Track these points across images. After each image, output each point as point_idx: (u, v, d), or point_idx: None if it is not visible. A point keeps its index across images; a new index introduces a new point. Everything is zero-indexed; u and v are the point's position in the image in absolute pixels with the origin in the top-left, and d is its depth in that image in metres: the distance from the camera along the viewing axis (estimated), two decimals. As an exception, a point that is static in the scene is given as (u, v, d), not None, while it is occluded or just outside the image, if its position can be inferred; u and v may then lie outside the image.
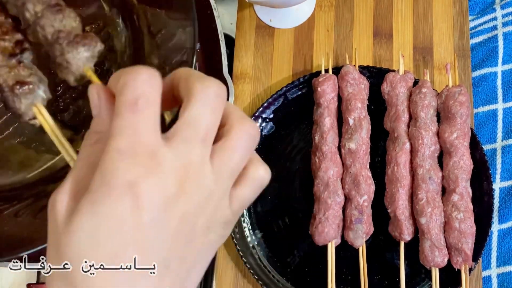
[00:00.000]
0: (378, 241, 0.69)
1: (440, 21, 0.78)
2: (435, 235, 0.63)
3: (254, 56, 0.79)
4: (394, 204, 0.65)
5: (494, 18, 0.79)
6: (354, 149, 0.67)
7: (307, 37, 0.79)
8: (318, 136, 0.68)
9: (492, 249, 0.70)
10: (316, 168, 0.67)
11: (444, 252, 0.63)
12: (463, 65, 0.76)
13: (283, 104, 0.74)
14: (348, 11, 0.80)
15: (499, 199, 0.71)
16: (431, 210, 0.63)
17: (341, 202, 0.67)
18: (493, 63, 0.77)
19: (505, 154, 0.73)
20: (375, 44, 0.78)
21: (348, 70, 0.70)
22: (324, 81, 0.69)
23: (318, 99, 0.69)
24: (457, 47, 0.77)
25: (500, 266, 0.69)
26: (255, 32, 0.80)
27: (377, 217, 0.67)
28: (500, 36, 0.78)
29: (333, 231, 0.65)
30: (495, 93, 0.76)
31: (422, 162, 0.65)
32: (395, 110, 0.68)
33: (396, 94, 0.68)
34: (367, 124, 0.68)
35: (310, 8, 0.80)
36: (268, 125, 0.74)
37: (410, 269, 0.66)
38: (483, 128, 0.75)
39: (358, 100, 0.68)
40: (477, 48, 0.78)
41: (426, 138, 0.65)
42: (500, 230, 0.70)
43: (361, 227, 0.65)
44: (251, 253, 0.69)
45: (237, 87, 0.77)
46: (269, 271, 0.69)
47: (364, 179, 0.66)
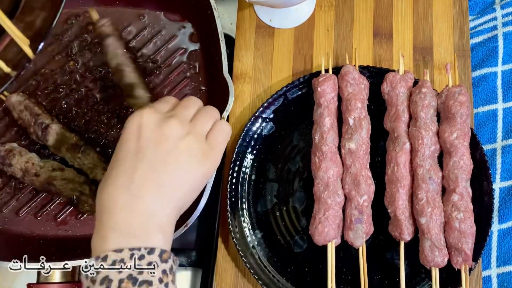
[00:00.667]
0: (378, 241, 0.69)
1: (440, 21, 0.78)
2: (435, 235, 0.63)
3: (254, 56, 0.79)
4: (394, 204, 0.65)
5: (494, 18, 0.79)
6: (354, 149, 0.67)
7: (307, 37, 0.79)
8: (318, 136, 0.68)
9: (492, 249, 0.70)
10: (316, 168, 0.67)
11: (444, 252, 0.63)
12: (463, 65, 0.76)
13: (283, 104, 0.74)
14: (348, 11, 0.80)
15: (499, 199, 0.71)
16: (431, 210, 0.63)
17: (341, 202, 0.67)
18: (493, 63, 0.77)
19: (505, 154, 0.73)
20: (375, 44, 0.78)
21: (348, 70, 0.70)
22: (324, 81, 0.69)
23: (318, 99, 0.69)
24: (457, 47, 0.77)
25: (500, 266, 0.69)
26: (255, 32, 0.80)
27: (377, 217, 0.67)
28: (500, 36, 0.78)
29: (333, 231, 0.65)
30: (495, 93, 0.76)
31: (422, 162, 0.65)
32: (395, 110, 0.68)
33: (396, 94, 0.68)
34: (367, 124, 0.68)
35: (310, 8, 0.80)
36: (268, 125, 0.74)
37: (410, 269, 0.66)
38: (483, 128, 0.75)
39: (358, 100, 0.68)
40: (477, 48, 0.78)
41: (426, 138, 0.65)
42: (500, 230, 0.70)
43: (361, 227, 0.65)
44: (251, 253, 0.69)
45: (237, 87, 0.77)
46: (269, 271, 0.69)
47: (364, 179, 0.66)
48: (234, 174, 0.72)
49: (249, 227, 0.71)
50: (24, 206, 0.74)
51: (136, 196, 0.51)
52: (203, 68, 0.79)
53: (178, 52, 0.80)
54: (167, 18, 0.82)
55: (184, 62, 0.80)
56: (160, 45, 0.81)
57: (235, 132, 0.75)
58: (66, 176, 0.72)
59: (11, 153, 0.73)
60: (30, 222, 0.74)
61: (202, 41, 0.80)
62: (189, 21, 0.81)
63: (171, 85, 0.78)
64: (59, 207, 0.74)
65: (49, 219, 0.74)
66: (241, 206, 0.71)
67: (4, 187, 0.75)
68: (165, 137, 0.53)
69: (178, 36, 0.81)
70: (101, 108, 0.78)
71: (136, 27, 0.81)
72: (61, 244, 0.72)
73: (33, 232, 0.74)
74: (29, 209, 0.74)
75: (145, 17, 0.82)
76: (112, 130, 0.76)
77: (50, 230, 0.74)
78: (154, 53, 0.80)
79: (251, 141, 0.73)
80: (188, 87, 0.78)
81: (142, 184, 0.51)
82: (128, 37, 0.81)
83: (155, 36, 0.81)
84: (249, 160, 0.73)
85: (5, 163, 0.73)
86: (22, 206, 0.75)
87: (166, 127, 0.54)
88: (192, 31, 0.81)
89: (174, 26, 0.81)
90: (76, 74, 0.80)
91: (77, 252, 0.67)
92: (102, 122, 0.77)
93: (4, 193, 0.75)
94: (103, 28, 0.74)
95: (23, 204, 0.75)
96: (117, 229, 0.50)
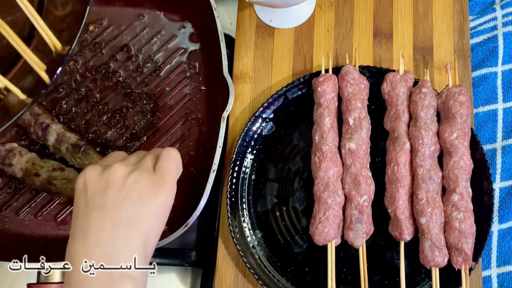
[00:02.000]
0: (378, 241, 0.69)
1: (440, 21, 0.78)
2: (435, 235, 0.63)
3: (254, 56, 0.79)
4: (394, 204, 0.65)
5: (494, 18, 0.79)
6: (354, 149, 0.67)
7: (307, 37, 0.79)
8: (318, 136, 0.68)
9: (492, 249, 0.70)
10: (316, 168, 0.67)
11: (444, 252, 0.63)
12: (463, 65, 0.76)
13: (283, 104, 0.74)
14: (348, 11, 0.80)
15: (499, 199, 0.71)
16: (431, 210, 0.63)
17: (341, 202, 0.67)
18: (493, 63, 0.77)
19: (505, 154, 0.73)
20: (375, 44, 0.78)
21: (348, 70, 0.70)
22: (324, 81, 0.69)
23: (318, 99, 0.69)
24: (457, 47, 0.77)
25: (500, 266, 0.69)
26: (255, 32, 0.80)
27: (377, 217, 0.67)
28: (500, 36, 0.78)
29: (333, 231, 0.65)
30: (495, 93, 0.76)
31: (422, 162, 0.65)
32: (395, 110, 0.68)
33: (396, 94, 0.68)
34: (367, 124, 0.68)
35: (310, 8, 0.80)
36: (268, 125, 0.74)
37: (410, 269, 0.66)
38: (483, 128, 0.75)
39: (358, 100, 0.68)
40: (477, 48, 0.78)
41: (426, 138, 0.65)
42: (500, 230, 0.70)
43: (361, 227, 0.65)
44: (251, 253, 0.69)
45: (237, 87, 0.77)
46: (269, 271, 0.69)
47: (364, 179, 0.66)
48: (234, 174, 0.72)
49: (249, 227, 0.71)
50: (24, 206, 0.74)
51: (94, 244, 0.50)
52: (203, 68, 0.79)
53: (178, 52, 0.80)
54: (167, 18, 0.82)
55: (184, 62, 0.80)
56: (160, 45, 0.81)
57: (235, 132, 0.75)
58: (66, 176, 0.72)
59: (11, 153, 0.73)
60: (30, 222, 0.74)
61: (202, 41, 0.80)
62: (189, 21, 0.81)
63: (171, 85, 0.78)
64: (59, 207, 0.74)
65: (49, 219, 0.74)
66: (241, 206, 0.71)
67: (4, 187, 0.75)
68: (111, 181, 0.53)
69: (178, 36, 0.81)
70: (101, 108, 0.78)
71: (136, 27, 0.81)
72: (61, 244, 0.72)
73: (33, 232, 0.74)
74: (29, 209, 0.74)
75: (145, 17, 0.82)
76: (112, 130, 0.76)
77: (50, 230, 0.74)
78: (154, 53, 0.80)
79: (251, 141, 0.73)
80: (188, 87, 0.78)
81: (98, 231, 0.51)
82: (128, 37, 0.81)
83: (155, 36, 0.81)
84: (249, 160, 0.73)
85: (5, 163, 0.73)
86: (22, 206, 0.75)
87: (109, 173, 0.54)
88: (192, 31, 0.81)
89: (174, 26, 0.81)
90: (76, 74, 0.80)
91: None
92: (102, 122, 0.77)
93: (4, 193, 0.75)
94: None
95: (23, 204, 0.75)
96: (82, 285, 0.49)
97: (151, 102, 0.77)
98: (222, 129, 0.68)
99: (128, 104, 0.77)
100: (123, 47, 0.80)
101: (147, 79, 0.79)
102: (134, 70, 0.79)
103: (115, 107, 0.78)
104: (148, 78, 0.79)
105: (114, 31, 0.82)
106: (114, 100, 0.78)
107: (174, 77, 0.79)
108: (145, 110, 0.77)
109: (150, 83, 0.79)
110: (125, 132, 0.76)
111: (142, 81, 0.79)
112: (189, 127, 0.77)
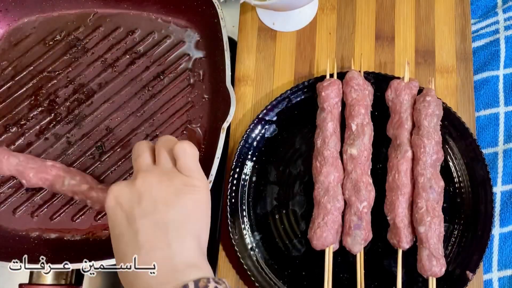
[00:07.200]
0: (376, 248, 0.69)
1: (442, 24, 0.78)
2: (433, 244, 0.63)
3: (256, 58, 0.79)
4: (394, 211, 0.65)
5: (496, 21, 0.79)
6: (356, 155, 0.67)
7: (309, 40, 0.79)
8: (320, 141, 0.68)
9: (493, 253, 0.70)
10: (317, 173, 0.67)
11: (442, 261, 0.63)
12: (465, 68, 0.76)
13: (287, 107, 0.74)
14: (350, 14, 0.80)
15: (500, 202, 0.71)
16: (430, 219, 0.63)
17: (340, 207, 0.67)
18: (494, 66, 0.77)
19: (506, 158, 0.73)
20: (377, 47, 0.78)
21: (353, 76, 0.70)
22: (328, 85, 0.69)
23: (322, 104, 0.69)
24: (459, 50, 0.77)
25: (501, 269, 0.69)
26: (257, 35, 0.80)
27: (376, 224, 0.67)
28: (502, 39, 0.78)
29: (331, 236, 0.65)
30: (497, 97, 0.76)
31: (423, 171, 0.65)
32: (399, 117, 0.68)
33: (400, 102, 0.68)
34: (370, 130, 0.68)
35: (312, 11, 0.80)
36: (271, 127, 0.74)
37: (408, 277, 0.66)
38: (484, 132, 0.75)
39: (362, 106, 0.68)
40: (479, 51, 0.78)
41: (428, 147, 0.65)
42: (501, 233, 0.70)
43: (359, 233, 0.65)
44: (250, 255, 0.69)
45: (239, 89, 0.77)
46: (267, 274, 0.69)
47: (364, 185, 0.66)
48: (236, 176, 0.72)
49: (248, 228, 0.71)
50: (21, 205, 0.74)
51: (152, 249, 0.52)
52: (207, 76, 0.78)
53: (183, 59, 0.79)
54: (174, 24, 0.81)
55: (188, 69, 0.79)
56: (166, 50, 0.80)
57: (237, 135, 0.75)
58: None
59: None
60: (26, 221, 0.73)
61: (207, 49, 0.79)
62: (195, 28, 0.80)
63: (175, 91, 0.78)
64: (56, 208, 0.74)
65: (45, 219, 0.74)
66: (241, 207, 0.71)
67: (4, 186, 0.75)
68: (143, 192, 0.54)
69: (184, 43, 0.80)
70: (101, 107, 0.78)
71: (143, 32, 0.81)
72: (53, 244, 0.73)
73: (28, 232, 0.73)
74: (25, 208, 0.74)
75: (152, 22, 0.82)
76: (112, 130, 0.77)
77: (45, 231, 0.73)
78: (160, 58, 0.80)
79: (253, 142, 0.73)
80: (192, 94, 0.78)
81: (150, 239, 0.52)
82: (134, 41, 0.81)
83: (162, 41, 0.81)
84: (250, 162, 0.73)
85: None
86: (19, 205, 0.74)
87: (137, 184, 0.55)
88: (198, 38, 0.80)
89: (181, 32, 0.81)
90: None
91: (70, 254, 0.67)
92: (102, 122, 0.78)
93: (4, 193, 0.75)
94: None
95: (20, 203, 0.74)
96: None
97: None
98: (221, 140, 0.67)
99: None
100: (127, 51, 0.81)
101: (151, 83, 0.79)
102: (138, 74, 0.79)
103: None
104: (152, 82, 0.79)
105: (121, 34, 0.82)
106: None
107: (178, 84, 0.78)
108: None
109: (154, 88, 0.79)
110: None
111: (145, 86, 0.79)
112: (190, 134, 0.76)
